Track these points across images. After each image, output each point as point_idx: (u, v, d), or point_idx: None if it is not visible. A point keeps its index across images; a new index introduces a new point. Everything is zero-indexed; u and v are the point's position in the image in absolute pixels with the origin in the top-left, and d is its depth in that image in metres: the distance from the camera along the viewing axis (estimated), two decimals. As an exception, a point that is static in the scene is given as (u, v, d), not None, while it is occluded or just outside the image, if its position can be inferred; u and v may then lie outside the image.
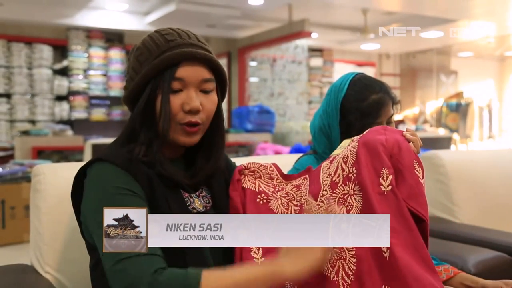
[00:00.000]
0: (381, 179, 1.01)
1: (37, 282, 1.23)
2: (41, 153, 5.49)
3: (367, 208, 1.00)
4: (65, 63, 7.81)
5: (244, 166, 1.18)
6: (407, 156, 1.03)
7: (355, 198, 1.03)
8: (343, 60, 10.62)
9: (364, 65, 11.09)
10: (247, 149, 6.00)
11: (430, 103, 11.78)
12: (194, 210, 1.09)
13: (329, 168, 1.12)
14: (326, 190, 1.08)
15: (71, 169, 1.34)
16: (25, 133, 5.64)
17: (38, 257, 1.28)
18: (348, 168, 1.07)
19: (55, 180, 1.30)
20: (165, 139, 1.05)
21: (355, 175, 1.05)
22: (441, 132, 9.52)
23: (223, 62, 8.90)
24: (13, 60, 7.44)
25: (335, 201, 1.06)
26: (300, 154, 1.53)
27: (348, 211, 1.03)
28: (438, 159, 2.15)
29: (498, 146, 11.39)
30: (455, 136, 9.19)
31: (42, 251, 1.27)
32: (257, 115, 6.85)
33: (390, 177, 1.01)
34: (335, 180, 1.08)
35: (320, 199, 1.08)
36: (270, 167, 1.20)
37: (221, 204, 1.14)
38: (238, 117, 7.09)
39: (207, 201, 1.13)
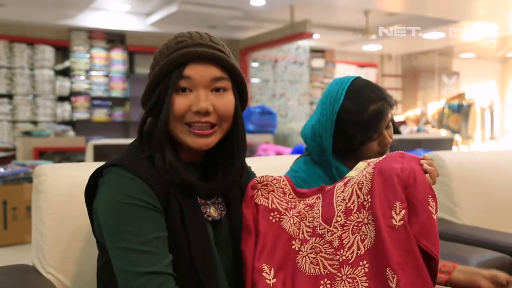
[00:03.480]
0: (393, 213, 1.00)
1: (39, 282, 1.23)
2: (42, 154, 5.49)
3: (378, 240, 0.98)
4: (67, 64, 7.83)
5: (257, 180, 1.16)
6: (422, 190, 1.01)
7: (369, 228, 1.02)
8: (345, 61, 10.62)
9: (366, 66, 11.08)
10: (249, 150, 5.99)
11: (431, 104, 11.78)
12: (210, 218, 1.08)
13: (343, 191, 1.10)
14: (340, 216, 1.06)
15: (73, 169, 1.34)
16: (27, 133, 5.65)
17: (40, 257, 1.28)
18: (363, 195, 1.05)
19: (57, 180, 1.30)
20: (162, 136, 1.03)
21: (369, 203, 1.03)
22: (443, 133, 9.51)
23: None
24: (15, 61, 7.45)
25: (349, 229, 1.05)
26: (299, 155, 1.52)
27: (362, 241, 1.02)
28: (440, 160, 2.15)
29: (500, 147, 11.38)
30: (457, 137, 9.18)
31: (44, 251, 1.27)
32: (259, 116, 6.84)
33: (403, 211, 0.99)
34: (350, 206, 1.06)
35: (334, 225, 1.06)
36: (283, 181, 1.18)
37: (235, 211, 1.13)
38: (239, 118, 7.07)
39: (222, 208, 1.12)
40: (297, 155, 1.57)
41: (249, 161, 1.37)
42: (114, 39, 8.21)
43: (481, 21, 8.15)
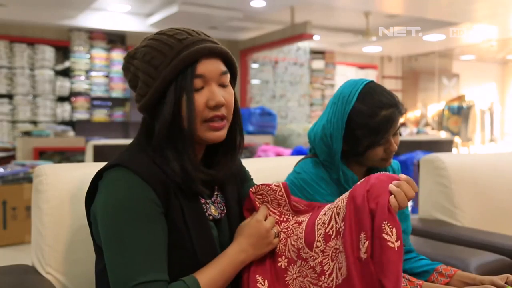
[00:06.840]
0: (360, 244, 0.93)
1: (39, 282, 1.22)
2: (42, 154, 5.49)
3: (349, 272, 0.93)
4: (67, 64, 7.83)
5: (252, 191, 1.16)
6: (378, 216, 0.92)
7: (342, 256, 0.96)
8: (345, 62, 10.63)
9: (366, 67, 11.09)
10: (249, 151, 5.99)
11: (431, 106, 11.79)
12: (211, 217, 1.08)
13: (325, 214, 1.07)
14: (320, 241, 1.03)
15: (73, 170, 1.34)
16: (27, 134, 5.65)
17: (40, 258, 1.28)
18: (340, 222, 1.00)
19: (57, 181, 1.30)
20: (191, 139, 1.02)
21: (343, 231, 0.98)
22: (443, 135, 9.51)
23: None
24: (16, 61, 7.46)
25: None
26: (301, 156, 1.52)
27: (339, 269, 0.97)
28: (439, 162, 2.15)
29: (499, 149, 11.38)
30: (457, 139, 9.19)
31: (43, 252, 1.27)
32: (259, 117, 6.85)
33: (367, 243, 0.91)
34: (329, 231, 1.03)
35: (315, 250, 1.03)
36: (280, 191, 1.16)
37: (234, 211, 1.14)
38: (239, 119, 7.08)
39: (222, 208, 1.13)
40: (297, 156, 1.56)
41: (249, 163, 1.37)
42: (114, 39, 8.22)
43: (482, 23, 8.15)
